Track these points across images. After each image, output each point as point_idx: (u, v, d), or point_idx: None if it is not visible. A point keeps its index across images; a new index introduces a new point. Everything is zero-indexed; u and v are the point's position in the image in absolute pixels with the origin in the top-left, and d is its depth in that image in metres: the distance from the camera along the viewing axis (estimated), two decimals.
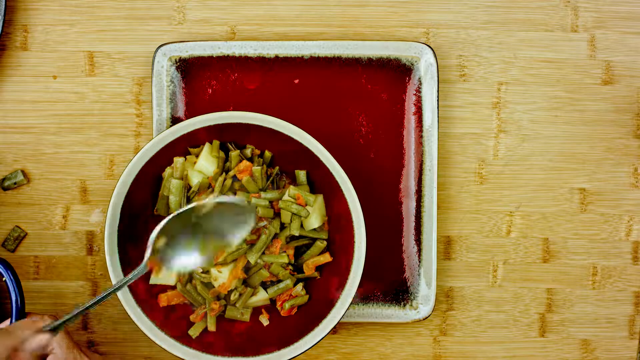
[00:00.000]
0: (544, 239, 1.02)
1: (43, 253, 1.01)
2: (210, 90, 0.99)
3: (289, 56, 0.99)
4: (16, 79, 1.00)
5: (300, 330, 0.93)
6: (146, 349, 1.01)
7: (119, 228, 0.92)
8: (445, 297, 1.02)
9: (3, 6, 0.98)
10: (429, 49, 0.98)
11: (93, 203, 1.01)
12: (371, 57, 0.99)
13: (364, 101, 1.00)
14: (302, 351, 0.93)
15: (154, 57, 0.98)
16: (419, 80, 0.99)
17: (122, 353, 1.01)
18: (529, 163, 1.02)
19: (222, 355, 0.93)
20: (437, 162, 0.99)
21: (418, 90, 0.99)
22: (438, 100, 0.98)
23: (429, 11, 1.01)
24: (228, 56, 0.99)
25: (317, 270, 0.97)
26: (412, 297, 1.00)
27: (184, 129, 0.92)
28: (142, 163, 0.92)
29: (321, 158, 0.92)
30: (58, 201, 1.01)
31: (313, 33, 1.01)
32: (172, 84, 0.98)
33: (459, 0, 1.01)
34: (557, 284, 1.02)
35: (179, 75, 0.98)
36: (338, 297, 0.93)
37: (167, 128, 0.97)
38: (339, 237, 0.95)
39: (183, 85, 0.99)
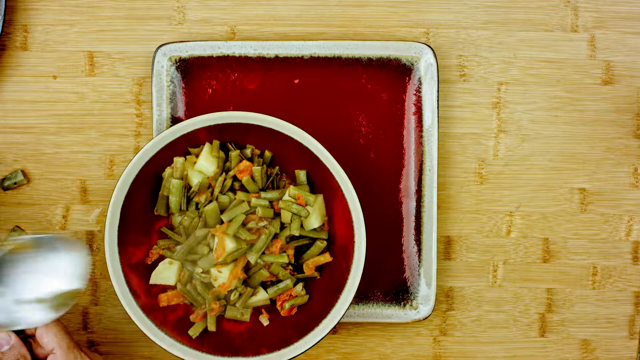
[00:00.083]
0: (544, 239, 1.02)
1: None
2: (210, 90, 0.99)
3: (289, 56, 0.99)
4: (16, 79, 1.00)
5: (300, 330, 0.93)
6: (146, 349, 1.01)
7: (119, 228, 0.92)
8: (445, 297, 1.02)
9: (3, 6, 0.98)
10: (429, 49, 0.98)
11: (93, 203, 1.01)
12: (371, 57, 0.99)
13: (364, 101, 1.00)
14: (302, 351, 0.93)
15: (154, 57, 0.98)
16: (419, 80, 0.99)
17: (122, 353, 1.01)
18: (529, 163, 1.02)
19: (222, 355, 0.93)
20: (437, 162, 0.99)
21: (418, 90, 0.99)
22: (438, 100, 0.98)
23: (429, 11, 1.01)
24: (228, 56, 0.99)
25: (317, 270, 0.97)
26: (412, 297, 1.00)
27: (184, 129, 0.92)
28: (142, 163, 0.92)
29: (321, 158, 0.92)
30: (58, 201, 1.01)
31: (313, 33, 1.01)
32: (172, 84, 0.98)
33: (459, 0, 1.01)
34: (557, 284, 1.02)
35: (179, 75, 0.98)
36: (338, 297, 0.93)
37: (167, 128, 0.97)
38: (339, 237, 0.95)
39: (183, 85, 0.99)
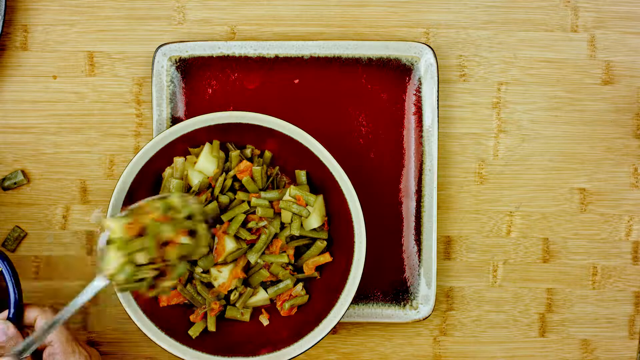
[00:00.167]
0: (544, 239, 1.02)
1: (43, 253, 1.01)
2: (210, 90, 0.99)
3: (289, 56, 0.99)
4: (16, 79, 1.00)
5: (300, 330, 0.93)
6: (147, 349, 1.01)
7: None
8: (445, 297, 1.02)
9: (3, 6, 0.98)
10: (429, 49, 0.98)
11: (93, 203, 1.01)
12: (371, 57, 0.99)
13: (364, 101, 1.00)
14: (302, 351, 0.93)
15: (154, 57, 0.98)
16: (419, 80, 0.99)
17: (123, 353, 1.01)
18: (529, 163, 1.02)
19: (222, 355, 0.93)
20: (437, 162, 0.99)
21: (418, 90, 0.99)
22: (438, 100, 0.98)
23: (429, 11, 1.01)
24: (228, 56, 0.99)
25: (317, 270, 0.97)
26: (412, 297, 1.00)
27: (184, 129, 0.92)
28: (142, 163, 0.92)
29: (321, 158, 0.92)
30: (58, 201, 1.01)
31: (313, 33, 1.01)
32: (172, 84, 0.98)
33: (459, 0, 1.01)
34: (557, 284, 1.02)
35: (179, 75, 0.98)
36: (338, 297, 0.93)
37: (167, 128, 0.97)
38: (339, 237, 0.95)
39: (183, 85, 0.99)
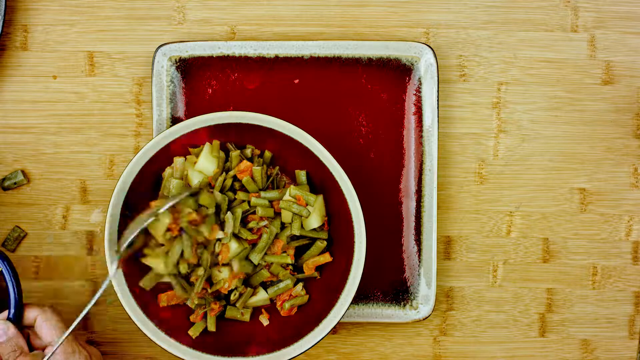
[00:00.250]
0: (544, 239, 1.02)
1: (43, 253, 1.01)
2: (210, 90, 0.99)
3: (289, 56, 0.99)
4: (16, 79, 1.00)
5: (300, 330, 0.93)
6: (146, 349, 1.01)
7: (119, 228, 0.92)
8: (445, 297, 1.02)
9: (3, 6, 0.98)
10: (429, 49, 0.98)
11: (93, 203, 1.01)
12: (371, 57, 0.99)
13: (364, 101, 1.00)
14: (302, 351, 0.93)
15: (154, 57, 0.98)
16: (419, 80, 0.99)
17: (122, 353, 1.01)
18: (529, 163, 1.02)
19: (222, 355, 0.93)
20: (437, 162, 0.99)
21: (418, 90, 0.99)
22: (438, 100, 0.98)
23: (429, 11, 1.01)
24: (228, 56, 0.99)
25: (317, 270, 0.97)
26: (412, 297, 1.00)
27: (184, 129, 0.92)
28: (142, 163, 0.92)
29: (321, 158, 0.92)
30: (58, 201, 1.01)
31: (313, 33, 1.01)
32: (172, 84, 0.98)
33: (459, 0, 1.01)
34: (557, 284, 1.02)
35: (179, 75, 0.98)
36: (338, 297, 0.93)
37: (167, 128, 0.97)
38: (339, 237, 0.95)
39: (183, 85, 0.99)
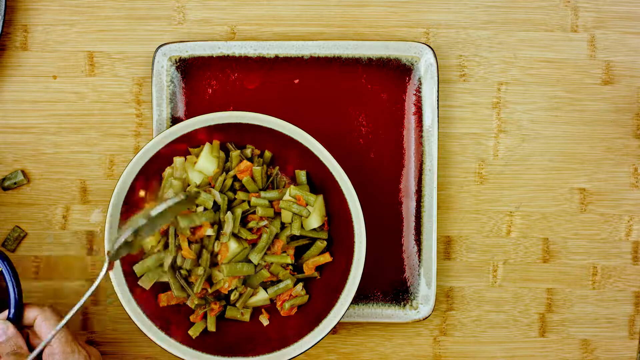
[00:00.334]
0: (544, 239, 1.02)
1: (43, 253, 1.01)
2: (210, 90, 0.99)
3: (289, 56, 0.99)
4: (16, 79, 1.00)
5: (300, 330, 0.93)
6: (146, 349, 1.01)
7: (119, 228, 0.92)
8: (445, 297, 1.02)
9: (3, 6, 0.98)
10: (429, 49, 0.98)
11: (93, 203, 1.01)
12: (371, 57, 0.99)
13: (364, 101, 1.00)
14: (302, 351, 0.93)
15: (154, 57, 0.98)
16: (419, 80, 0.99)
17: (122, 353, 1.01)
18: (529, 163, 1.02)
19: (222, 355, 0.93)
20: (437, 162, 0.99)
21: (418, 90, 0.99)
22: (438, 100, 0.98)
23: (429, 11, 1.01)
24: (228, 56, 0.99)
25: (317, 270, 0.97)
26: (412, 297, 1.00)
27: (184, 129, 0.92)
28: (142, 163, 0.92)
29: (321, 158, 0.92)
30: (58, 201, 1.01)
31: (313, 33, 1.01)
32: (172, 84, 0.98)
33: (459, 0, 1.01)
34: (557, 284, 1.02)
35: (179, 75, 0.98)
36: (338, 297, 0.93)
37: (167, 128, 0.97)
38: (339, 237, 0.95)
39: (183, 85, 0.99)
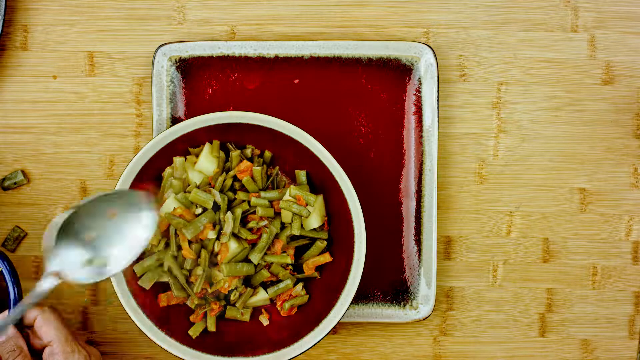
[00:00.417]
0: (544, 239, 1.02)
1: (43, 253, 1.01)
2: (210, 90, 0.99)
3: (289, 56, 0.99)
4: (16, 79, 1.00)
5: (300, 330, 0.93)
6: (146, 349, 1.01)
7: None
8: (445, 297, 1.02)
9: (3, 6, 0.98)
10: (429, 49, 0.98)
11: None
12: (371, 57, 0.99)
13: (364, 101, 1.00)
14: (302, 351, 0.93)
15: (154, 57, 0.98)
16: (419, 80, 0.99)
17: (122, 353, 1.01)
18: (529, 163, 1.02)
19: (222, 355, 0.93)
20: (437, 162, 0.99)
21: (418, 90, 0.99)
22: (438, 100, 0.98)
23: (429, 11, 1.01)
24: (228, 56, 0.99)
25: (317, 270, 0.97)
26: (412, 297, 1.00)
27: (184, 129, 0.92)
28: (142, 163, 0.92)
29: (321, 158, 0.92)
30: (58, 201, 1.01)
31: (313, 33, 1.01)
32: (172, 84, 0.98)
33: (459, 0, 1.01)
34: (557, 284, 1.02)
35: (179, 75, 0.98)
36: (338, 297, 0.93)
37: (167, 128, 0.97)
38: (339, 237, 0.95)
39: (183, 85, 0.99)
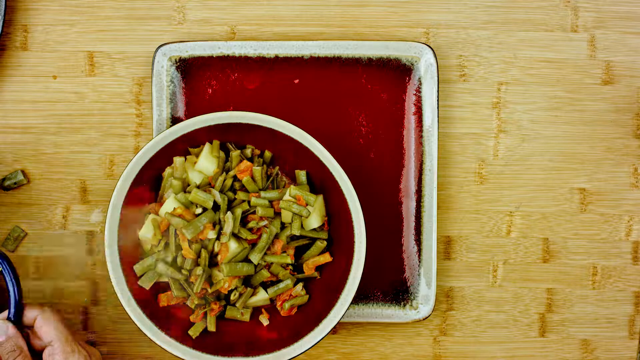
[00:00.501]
0: (544, 239, 1.02)
1: (43, 253, 1.01)
2: (210, 90, 0.99)
3: (289, 56, 0.99)
4: (16, 79, 1.00)
5: (300, 330, 0.93)
6: (146, 349, 1.01)
7: (119, 228, 0.92)
8: (445, 297, 1.02)
9: (3, 6, 0.98)
10: (429, 49, 0.98)
11: (93, 203, 1.01)
12: (371, 57, 0.99)
13: (364, 101, 1.00)
14: (302, 351, 0.93)
15: (154, 57, 0.98)
16: (419, 80, 0.99)
17: (122, 353, 1.01)
18: (529, 163, 1.02)
19: (222, 355, 0.93)
20: (437, 162, 0.99)
21: (418, 90, 0.99)
22: (438, 100, 0.98)
23: (429, 11, 1.01)
24: (228, 56, 0.99)
25: (317, 270, 0.97)
26: (412, 297, 1.00)
27: (184, 129, 0.92)
28: (142, 163, 0.92)
29: (321, 158, 0.92)
30: (58, 201, 1.01)
31: (313, 33, 1.01)
32: (172, 84, 0.98)
33: (459, 0, 1.01)
34: (557, 284, 1.02)
35: (179, 75, 0.98)
36: (338, 297, 0.93)
37: (167, 128, 0.97)
38: (339, 237, 0.95)
39: (183, 85, 0.99)
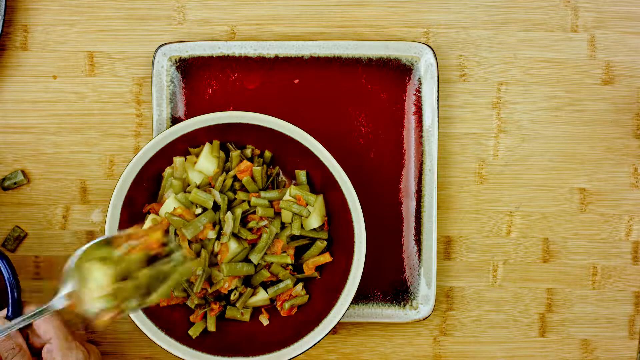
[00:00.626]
0: (544, 239, 1.02)
1: (43, 253, 1.01)
2: (210, 90, 0.99)
3: (289, 56, 0.99)
4: (16, 79, 1.00)
5: (300, 330, 0.93)
6: (146, 349, 1.01)
7: (119, 228, 0.92)
8: (445, 297, 1.02)
9: (3, 6, 0.98)
10: (429, 49, 0.98)
11: (93, 203, 1.01)
12: (371, 57, 0.99)
13: (364, 101, 1.00)
14: (302, 351, 0.93)
15: (154, 57, 0.98)
16: (419, 80, 0.99)
17: (122, 353, 1.01)
18: (529, 163, 1.02)
19: (222, 355, 0.93)
20: (437, 162, 0.99)
21: (418, 90, 0.99)
22: (438, 100, 0.98)
23: (429, 11, 1.01)
24: (228, 56, 0.99)
25: (317, 270, 0.97)
26: (412, 297, 1.00)
27: (184, 129, 0.92)
28: (142, 163, 0.92)
29: (321, 158, 0.92)
30: (58, 201, 1.01)
31: (313, 33, 1.01)
32: (172, 84, 0.98)
33: (459, 0, 1.01)
34: (557, 284, 1.02)
35: (179, 75, 0.98)
36: (338, 297, 0.93)
37: (167, 128, 0.97)
38: (339, 237, 0.95)
39: (183, 85, 0.99)
